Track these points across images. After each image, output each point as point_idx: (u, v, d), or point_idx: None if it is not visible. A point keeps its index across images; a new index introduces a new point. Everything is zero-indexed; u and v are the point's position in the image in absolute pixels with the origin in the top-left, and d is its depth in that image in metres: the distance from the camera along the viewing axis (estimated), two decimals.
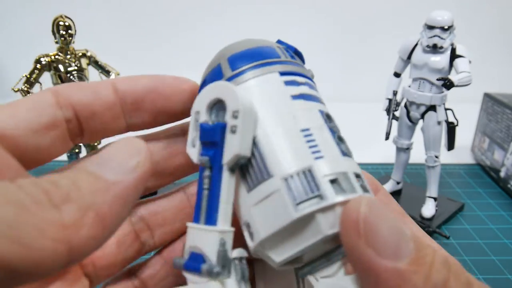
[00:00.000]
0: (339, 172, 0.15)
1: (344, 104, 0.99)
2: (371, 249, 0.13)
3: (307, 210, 0.14)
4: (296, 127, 0.16)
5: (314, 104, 0.17)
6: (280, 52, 0.19)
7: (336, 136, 0.17)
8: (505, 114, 0.63)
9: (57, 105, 0.17)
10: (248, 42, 0.19)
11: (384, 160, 0.70)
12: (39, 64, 0.51)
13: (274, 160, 0.15)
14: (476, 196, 0.61)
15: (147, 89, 0.19)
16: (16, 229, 0.10)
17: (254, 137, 0.16)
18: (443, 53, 0.51)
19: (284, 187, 0.15)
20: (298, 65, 0.19)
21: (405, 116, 0.56)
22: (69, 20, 0.50)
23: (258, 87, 0.17)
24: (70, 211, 0.11)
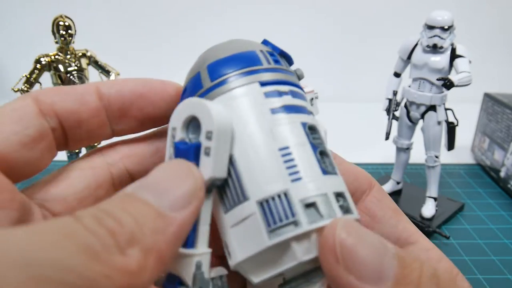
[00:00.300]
0: (317, 195, 0.15)
1: (344, 104, 0.99)
2: (352, 276, 0.13)
3: (280, 238, 0.14)
4: (273, 146, 0.15)
5: (296, 116, 0.16)
6: (262, 57, 0.17)
7: (318, 152, 0.16)
8: (505, 114, 0.63)
9: (41, 114, 0.16)
10: (229, 46, 0.18)
11: (384, 160, 0.70)
12: (39, 64, 0.51)
13: (249, 182, 0.15)
14: (476, 196, 0.61)
15: (134, 95, 0.18)
16: (86, 279, 0.10)
17: (231, 156, 0.16)
18: (443, 53, 0.51)
19: (259, 211, 0.15)
20: (281, 72, 0.17)
21: (405, 116, 0.56)
22: (69, 20, 0.50)
23: (236, 101, 0.16)
24: (135, 255, 0.11)
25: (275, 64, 0.17)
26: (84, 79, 0.53)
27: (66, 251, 0.10)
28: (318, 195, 0.15)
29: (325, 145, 0.17)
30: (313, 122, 0.17)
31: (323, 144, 0.17)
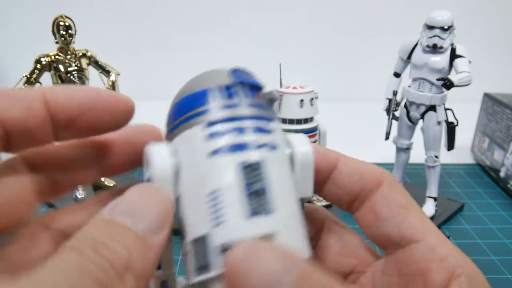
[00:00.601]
0: (235, 239, 0.15)
1: (344, 104, 0.99)
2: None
3: (197, 279, 0.15)
4: (204, 191, 0.16)
5: (236, 156, 0.16)
6: (213, 96, 0.17)
7: (252, 192, 0.16)
8: (505, 114, 0.63)
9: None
10: (189, 85, 0.19)
11: (384, 160, 0.70)
12: (39, 64, 0.51)
13: (186, 222, 0.16)
14: (476, 196, 0.61)
15: (82, 107, 0.17)
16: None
17: (178, 197, 0.17)
18: (443, 53, 0.51)
19: (192, 250, 0.16)
20: (232, 107, 0.17)
21: (405, 116, 0.56)
22: (69, 20, 0.50)
23: (182, 145, 0.17)
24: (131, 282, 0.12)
25: (228, 100, 0.17)
26: (84, 79, 0.53)
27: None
28: (236, 239, 0.15)
29: (266, 182, 0.16)
30: (257, 159, 0.17)
31: (262, 181, 0.16)
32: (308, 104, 0.49)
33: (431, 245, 0.18)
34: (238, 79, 0.18)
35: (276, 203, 0.16)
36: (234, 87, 0.18)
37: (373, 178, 0.20)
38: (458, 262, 0.17)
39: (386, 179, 0.20)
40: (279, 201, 0.16)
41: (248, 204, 0.16)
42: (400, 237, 0.19)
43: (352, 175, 0.20)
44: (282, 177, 0.17)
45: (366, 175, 0.20)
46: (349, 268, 0.21)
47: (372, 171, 0.20)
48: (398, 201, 0.19)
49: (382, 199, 0.20)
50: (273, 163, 0.17)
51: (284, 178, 0.17)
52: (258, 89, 0.19)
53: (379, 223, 0.19)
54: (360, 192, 0.20)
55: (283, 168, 0.18)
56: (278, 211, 0.16)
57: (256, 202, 0.16)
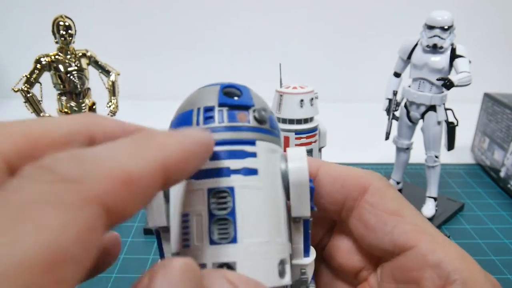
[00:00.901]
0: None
1: (344, 104, 0.99)
2: None
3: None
4: (179, 211, 0.17)
5: (207, 181, 0.17)
6: (195, 118, 0.18)
7: (214, 221, 0.16)
8: (505, 114, 0.63)
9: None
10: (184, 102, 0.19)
11: (384, 160, 0.70)
12: (39, 64, 0.51)
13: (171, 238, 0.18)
14: (476, 196, 0.61)
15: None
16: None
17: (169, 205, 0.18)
18: (443, 53, 0.51)
19: None
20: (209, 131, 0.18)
21: (405, 116, 0.56)
22: (69, 20, 0.50)
23: None
24: None
25: (204, 124, 0.17)
26: (84, 79, 0.53)
27: None
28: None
29: (233, 209, 0.17)
30: (225, 185, 0.17)
31: (228, 209, 0.17)
32: (308, 104, 0.49)
33: (424, 252, 0.17)
34: (221, 100, 0.18)
35: (243, 233, 0.16)
36: (215, 109, 0.18)
37: (356, 185, 0.19)
38: (454, 267, 0.16)
39: (372, 184, 0.19)
40: (247, 230, 0.16)
41: (211, 232, 0.16)
42: (392, 246, 0.18)
43: (333, 184, 0.20)
44: (259, 203, 0.17)
45: (348, 182, 0.19)
46: (359, 265, 0.20)
47: (355, 178, 0.19)
48: (386, 208, 0.19)
49: (368, 207, 0.19)
50: (247, 189, 0.17)
51: (262, 203, 0.17)
52: (244, 109, 0.18)
53: (369, 232, 0.19)
54: (344, 201, 0.19)
55: (263, 193, 0.17)
56: (242, 241, 0.16)
57: (221, 230, 0.16)
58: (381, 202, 0.19)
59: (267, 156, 0.18)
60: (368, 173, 0.20)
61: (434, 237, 0.18)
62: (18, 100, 0.52)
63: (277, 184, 0.18)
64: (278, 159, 0.18)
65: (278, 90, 0.50)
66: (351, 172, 0.20)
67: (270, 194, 0.17)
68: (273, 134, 0.19)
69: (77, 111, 0.53)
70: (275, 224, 0.17)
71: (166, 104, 0.92)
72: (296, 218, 0.18)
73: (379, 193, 0.19)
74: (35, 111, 0.52)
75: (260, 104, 0.19)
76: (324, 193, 0.20)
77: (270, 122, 0.19)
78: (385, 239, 0.18)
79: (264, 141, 0.18)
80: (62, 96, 0.53)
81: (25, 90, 0.50)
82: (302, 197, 0.18)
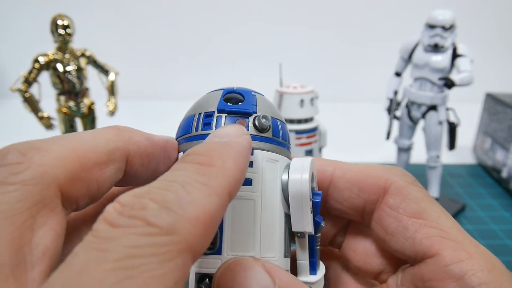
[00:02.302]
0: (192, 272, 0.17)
1: (344, 104, 0.99)
2: None
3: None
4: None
5: None
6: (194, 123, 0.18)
7: None
8: (507, 114, 0.63)
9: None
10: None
11: (385, 160, 0.70)
12: (38, 64, 0.50)
13: None
14: (477, 197, 0.61)
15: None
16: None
17: None
18: (444, 53, 0.50)
19: None
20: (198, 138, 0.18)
21: (406, 116, 0.55)
22: (68, 19, 0.50)
23: None
24: None
25: (202, 130, 0.18)
26: (83, 79, 0.52)
27: None
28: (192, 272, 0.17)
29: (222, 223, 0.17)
30: None
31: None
32: (309, 104, 0.49)
33: (447, 261, 0.16)
34: (221, 106, 0.18)
35: (227, 245, 0.16)
36: (214, 115, 0.18)
37: (375, 187, 0.18)
38: (479, 281, 0.15)
39: (392, 184, 0.18)
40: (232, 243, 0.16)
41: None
42: (414, 252, 0.17)
43: (351, 188, 0.18)
44: (249, 215, 0.16)
45: (366, 185, 0.18)
46: (378, 268, 0.19)
47: (373, 179, 0.18)
48: (408, 210, 0.17)
49: (389, 210, 0.17)
50: (239, 200, 0.16)
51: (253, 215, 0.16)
52: (244, 115, 0.18)
53: (390, 237, 0.17)
54: (364, 205, 0.18)
55: (255, 204, 0.16)
56: (226, 253, 0.16)
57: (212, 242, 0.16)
58: (402, 204, 0.17)
59: (265, 166, 0.17)
60: (388, 170, 0.19)
61: (459, 243, 0.16)
62: (17, 99, 0.52)
63: (275, 196, 0.17)
64: (278, 170, 0.17)
65: (278, 89, 0.50)
66: (369, 172, 0.18)
67: (263, 206, 0.17)
68: (276, 143, 0.18)
69: (75, 111, 0.53)
70: (265, 238, 0.16)
71: (165, 104, 0.92)
72: (297, 233, 0.18)
73: (400, 193, 0.18)
74: (33, 111, 0.51)
75: (265, 111, 0.18)
76: (341, 199, 0.19)
77: (274, 130, 0.18)
78: (406, 245, 0.17)
79: (264, 150, 0.17)
80: (60, 96, 0.52)
81: (23, 90, 0.50)
82: (302, 211, 0.17)
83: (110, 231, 0.11)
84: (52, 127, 0.53)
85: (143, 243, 0.10)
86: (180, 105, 0.21)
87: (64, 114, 0.53)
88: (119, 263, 0.10)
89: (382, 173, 0.18)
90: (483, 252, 0.16)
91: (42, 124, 0.52)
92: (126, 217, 0.11)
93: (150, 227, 0.11)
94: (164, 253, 0.10)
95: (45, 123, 0.52)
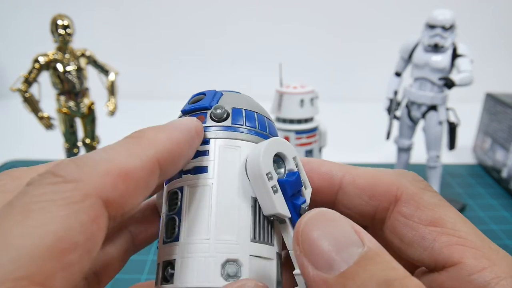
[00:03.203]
0: (161, 261, 0.17)
1: (344, 104, 0.99)
2: (306, 259, 0.14)
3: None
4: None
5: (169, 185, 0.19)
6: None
7: (167, 221, 0.18)
8: (507, 114, 0.63)
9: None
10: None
11: (385, 160, 0.70)
12: (38, 64, 0.50)
13: None
14: (477, 197, 0.61)
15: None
16: None
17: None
18: (444, 53, 0.50)
19: None
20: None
21: (406, 116, 0.55)
22: (68, 19, 0.50)
23: None
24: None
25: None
26: (83, 79, 0.52)
27: None
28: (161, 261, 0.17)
29: (178, 209, 0.17)
30: (177, 185, 0.18)
31: (176, 209, 0.17)
32: (309, 104, 0.49)
33: (469, 270, 0.15)
34: (183, 108, 0.19)
35: (184, 231, 0.16)
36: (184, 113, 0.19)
37: (386, 195, 0.17)
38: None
39: (404, 192, 0.17)
40: (188, 228, 0.16)
41: (166, 231, 0.17)
42: (433, 261, 0.16)
43: (361, 195, 0.18)
44: (204, 201, 0.16)
45: (377, 192, 0.17)
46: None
47: (385, 186, 0.17)
48: (423, 218, 0.16)
49: (403, 219, 0.17)
50: (194, 187, 0.17)
51: (208, 201, 0.16)
52: (203, 110, 0.19)
53: (406, 246, 0.17)
54: (375, 212, 0.18)
55: (210, 190, 0.17)
56: (183, 239, 0.16)
57: (169, 229, 0.17)
58: (416, 212, 0.17)
59: (223, 152, 0.17)
60: (399, 176, 0.18)
61: (480, 250, 0.15)
62: (17, 99, 0.52)
63: (235, 180, 0.17)
64: (240, 155, 0.18)
65: (278, 90, 0.50)
66: (380, 179, 0.18)
67: (221, 190, 0.17)
68: (236, 130, 0.18)
69: (75, 111, 0.53)
70: (223, 221, 0.16)
71: (165, 104, 0.92)
72: (271, 216, 0.17)
73: (413, 201, 0.17)
74: (33, 111, 0.51)
75: (233, 104, 0.19)
76: (351, 205, 0.18)
77: (234, 118, 0.18)
78: (424, 255, 0.16)
79: (222, 138, 0.18)
80: (60, 96, 0.52)
81: (23, 90, 0.50)
82: (262, 190, 0.17)
83: (24, 188, 0.12)
84: (52, 127, 0.53)
85: (47, 191, 0.12)
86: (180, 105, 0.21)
87: (64, 114, 0.53)
88: (24, 209, 0.11)
89: (393, 179, 0.18)
90: (504, 257, 0.15)
91: (42, 124, 0.52)
92: (37, 175, 0.13)
93: (55, 178, 0.12)
94: (66, 197, 0.12)
95: (45, 123, 0.52)
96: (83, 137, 0.56)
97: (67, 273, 0.11)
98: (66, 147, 0.55)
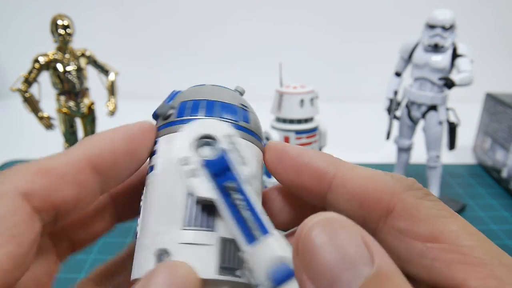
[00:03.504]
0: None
1: (344, 104, 0.99)
2: (306, 275, 0.12)
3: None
4: None
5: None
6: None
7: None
8: (507, 114, 0.63)
9: (34, 213, 0.15)
10: None
11: (385, 160, 0.70)
12: (38, 64, 0.50)
13: None
14: (477, 197, 0.61)
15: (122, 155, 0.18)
16: None
17: None
18: (444, 53, 0.50)
19: None
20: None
21: (406, 116, 0.55)
22: (68, 19, 0.50)
23: None
24: None
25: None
26: (83, 79, 0.52)
27: None
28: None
29: (139, 209, 0.19)
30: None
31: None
32: (309, 104, 0.49)
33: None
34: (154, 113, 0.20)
35: (139, 229, 0.18)
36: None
37: (377, 204, 0.15)
38: None
39: (398, 203, 0.15)
40: (140, 223, 0.18)
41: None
42: (433, 282, 0.14)
43: (350, 201, 0.16)
44: (149, 197, 0.17)
45: (367, 201, 0.15)
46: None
47: (376, 193, 0.15)
48: (421, 233, 0.14)
49: (397, 234, 0.15)
50: (146, 186, 0.18)
51: (150, 196, 0.17)
52: (157, 115, 0.20)
53: (403, 263, 0.14)
54: (363, 222, 0.15)
55: (153, 186, 0.17)
56: (138, 235, 0.18)
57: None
58: (413, 226, 0.14)
59: (163, 148, 0.18)
60: (396, 184, 0.15)
61: (486, 267, 0.13)
62: (17, 99, 0.52)
63: (172, 173, 0.17)
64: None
65: (278, 89, 0.50)
66: (373, 185, 0.16)
67: (160, 185, 0.17)
68: (179, 123, 0.18)
69: (75, 111, 0.53)
70: (158, 214, 0.17)
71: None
72: (201, 200, 0.16)
73: (409, 213, 0.15)
74: (33, 111, 0.51)
75: (178, 100, 0.19)
76: (340, 210, 0.16)
77: (179, 113, 0.18)
78: (423, 274, 0.14)
79: (164, 135, 0.18)
80: (60, 96, 0.52)
81: (23, 90, 0.50)
82: (182, 177, 0.17)
83: None
84: (52, 127, 0.53)
85: None
86: None
87: (64, 114, 0.53)
88: None
89: (387, 188, 0.15)
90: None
91: (42, 124, 0.52)
92: None
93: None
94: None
95: (45, 123, 0.52)
96: (83, 137, 0.56)
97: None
98: (66, 147, 0.55)
